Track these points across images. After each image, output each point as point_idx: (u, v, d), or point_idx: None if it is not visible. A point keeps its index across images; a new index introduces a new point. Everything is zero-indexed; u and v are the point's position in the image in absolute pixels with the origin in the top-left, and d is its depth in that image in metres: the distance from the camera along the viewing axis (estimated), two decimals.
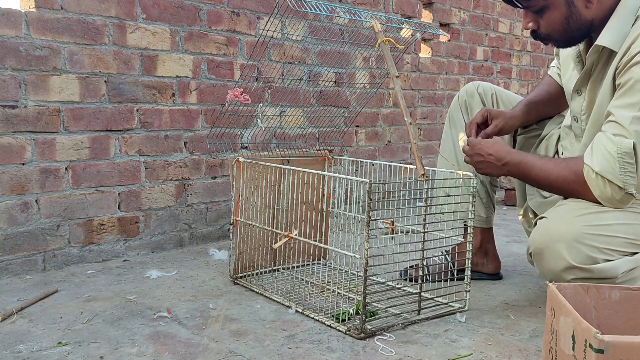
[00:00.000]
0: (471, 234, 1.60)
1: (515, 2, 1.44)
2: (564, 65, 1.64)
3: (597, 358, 0.92)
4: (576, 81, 1.53)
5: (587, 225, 1.33)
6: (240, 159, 1.79)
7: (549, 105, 1.78)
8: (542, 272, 1.42)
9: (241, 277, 1.85)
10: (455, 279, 1.71)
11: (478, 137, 1.63)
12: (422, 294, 1.58)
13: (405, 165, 1.80)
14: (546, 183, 1.46)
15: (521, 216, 1.81)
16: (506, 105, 1.84)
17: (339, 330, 1.46)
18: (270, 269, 1.93)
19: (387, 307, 1.59)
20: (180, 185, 2.29)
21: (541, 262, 1.39)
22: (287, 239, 1.67)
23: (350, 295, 1.72)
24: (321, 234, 1.98)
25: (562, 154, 1.66)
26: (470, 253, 1.60)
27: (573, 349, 0.99)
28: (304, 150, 2.04)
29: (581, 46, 1.53)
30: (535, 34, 1.48)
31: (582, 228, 1.33)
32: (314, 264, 2.04)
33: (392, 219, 1.53)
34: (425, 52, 3.37)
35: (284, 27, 2.54)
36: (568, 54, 1.60)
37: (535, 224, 1.48)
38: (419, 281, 1.57)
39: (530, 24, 1.46)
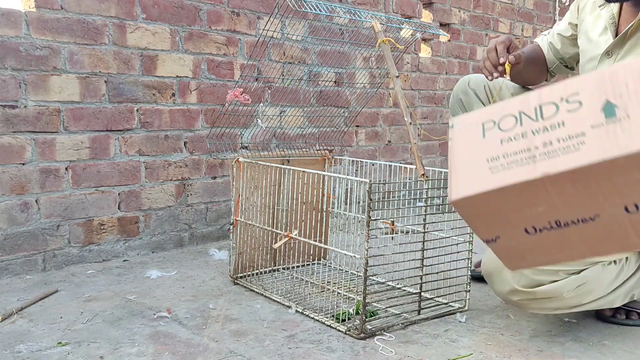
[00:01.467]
0: (471, 234, 1.60)
1: None
2: (589, 31, 1.61)
3: None
4: (611, 43, 1.51)
5: None
6: (240, 159, 1.79)
7: (534, 65, 1.75)
8: (494, 293, 1.48)
9: (241, 277, 1.85)
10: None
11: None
12: (422, 294, 1.58)
13: (405, 165, 1.80)
14: None
15: None
16: (500, 93, 1.82)
17: (339, 330, 1.46)
18: (270, 269, 1.93)
19: (387, 307, 1.59)
20: (180, 185, 2.29)
21: (491, 285, 1.45)
22: (287, 239, 1.67)
23: (350, 295, 1.72)
24: (321, 234, 1.98)
25: None
26: (471, 253, 1.60)
27: None
28: (304, 150, 2.04)
29: (615, 9, 1.52)
30: None
31: None
32: (314, 264, 2.04)
33: (392, 219, 1.53)
34: (425, 52, 3.37)
35: (284, 27, 2.54)
36: (597, 18, 1.58)
37: None
38: (419, 282, 1.57)
39: None
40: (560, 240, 1.06)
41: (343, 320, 1.51)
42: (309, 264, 2.02)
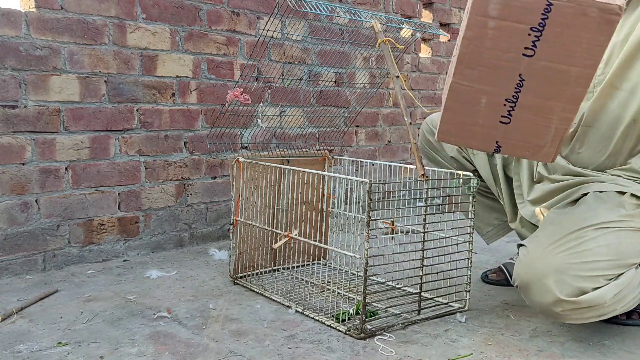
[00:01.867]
0: (471, 234, 1.60)
1: None
2: None
3: None
4: None
5: (569, 254, 1.32)
6: (240, 159, 1.79)
7: None
8: (530, 304, 1.40)
9: (241, 277, 1.85)
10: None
11: None
12: (422, 294, 1.58)
13: (405, 165, 1.80)
14: None
15: (519, 226, 1.74)
16: None
17: (339, 330, 1.46)
18: (270, 269, 1.93)
19: (387, 307, 1.59)
20: (180, 185, 2.29)
21: (529, 296, 1.37)
22: (287, 239, 1.67)
23: (350, 295, 1.72)
24: (321, 234, 1.98)
25: None
26: (471, 253, 1.60)
27: None
28: (304, 150, 2.04)
29: None
30: None
31: (564, 258, 1.31)
32: (314, 264, 2.04)
33: (392, 219, 1.53)
34: (425, 52, 3.37)
35: (284, 27, 2.54)
36: None
37: (521, 246, 1.44)
38: (419, 282, 1.57)
39: None
40: (536, 113, 1.24)
41: (343, 320, 1.51)
42: (309, 264, 2.02)
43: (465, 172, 1.59)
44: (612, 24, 1.11)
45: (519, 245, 1.44)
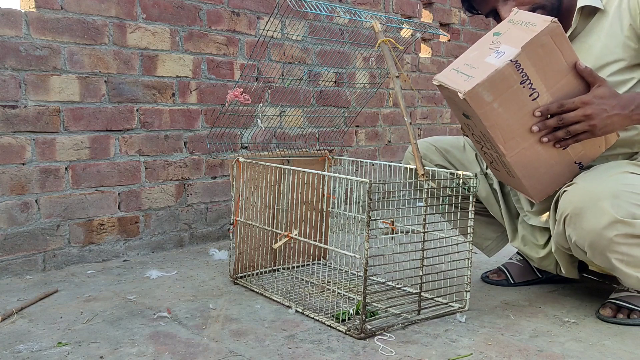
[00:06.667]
0: (471, 234, 1.60)
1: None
2: None
3: None
4: None
5: (620, 183, 1.37)
6: (240, 159, 1.79)
7: None
8: (578, 236, 1.42)
9: (241, 277, 1.85)
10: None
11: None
12: (422, 294, 1.58)
13: (405, 165, 1.80)
14: None
15: (521, 245, 1.74)
16: (451, 144, 1.88)
17: (339, 330, 1.46)
18: (270, 269, 1.93)
19: (387, 307, 1.59)
20: (180, 185, 2.29)
21: (580, 223, 1.40)
22: (287, 239, 1.67)
23: (350, 295, 1.72)
24: (321, 234, 1.98)
25: None
26: (471, 253, 1.60)
27: None
28: (304, 150, 2.04)
29: None
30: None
31: (618, 185, 1.36)
32: (314, 264, 2.04)
33: (392, 219, 1.53)
34: (425, 52, 3.37)
35: (284, 27, 2.54)
36: None
37: (556, 206, 1.48)
38: (419, 282, 1.57)
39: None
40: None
41: (343, 320, 1.51)
42: (309, 264, 2.02)
43: (465, 172, 1.59)
44: (561, 34, 1.33)
45: (567, 186, 1.48)
